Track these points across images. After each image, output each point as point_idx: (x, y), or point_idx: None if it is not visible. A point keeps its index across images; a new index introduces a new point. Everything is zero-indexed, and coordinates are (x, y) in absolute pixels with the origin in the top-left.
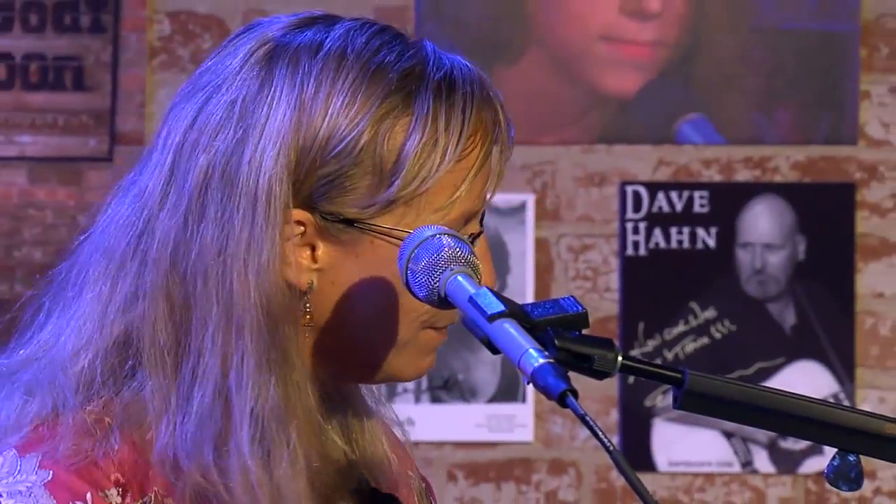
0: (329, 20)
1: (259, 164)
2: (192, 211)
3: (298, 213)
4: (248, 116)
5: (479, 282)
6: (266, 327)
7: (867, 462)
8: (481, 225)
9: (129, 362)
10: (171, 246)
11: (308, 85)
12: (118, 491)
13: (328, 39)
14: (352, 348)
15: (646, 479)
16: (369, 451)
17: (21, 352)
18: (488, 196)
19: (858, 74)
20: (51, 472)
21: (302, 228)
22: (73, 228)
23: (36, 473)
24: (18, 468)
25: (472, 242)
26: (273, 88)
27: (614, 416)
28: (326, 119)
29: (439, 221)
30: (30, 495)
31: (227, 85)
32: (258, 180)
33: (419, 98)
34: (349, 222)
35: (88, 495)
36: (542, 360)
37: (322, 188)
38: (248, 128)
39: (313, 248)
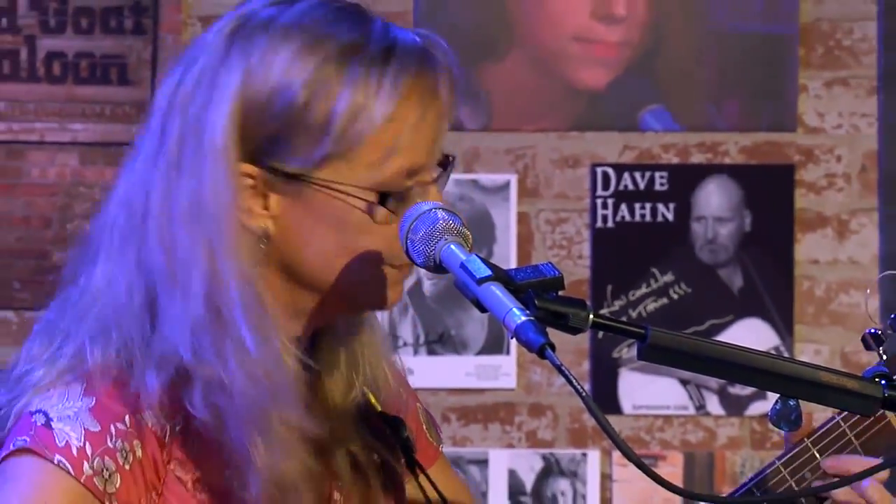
0: (303, 3)
1: (215, 124)
2: (172, 166)
3: (247, 167)
4: (210, 83)
5: (470, 249)
6: (234, 261)
7: (804, 405)
8: (439, 176)
9: (149, 309)
10: (162, 200)
11: (255, 55)
12: (153, 412)
13: (283, 15)
14: (319, 284)
15: (613, 420)
16: (379, 381)
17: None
18: (439, 150)
19: (797, 70)
20: (94, 398)
21: (252, 181)
22: None
23: (81, 400)
24: (67, 397)
25: (427, 186)
26: (230, 58)
27: (586, 366)
28: (268, 84)
29: (373, 175)
30: (76, 419)
31: (201, 56)
32: (214, 138)
33: (352, 66)
34: (292, 176)
35: (127, 417)
36: (523, 318)
37: (266, 145)
38: (211, 93)
39: (266, 198)
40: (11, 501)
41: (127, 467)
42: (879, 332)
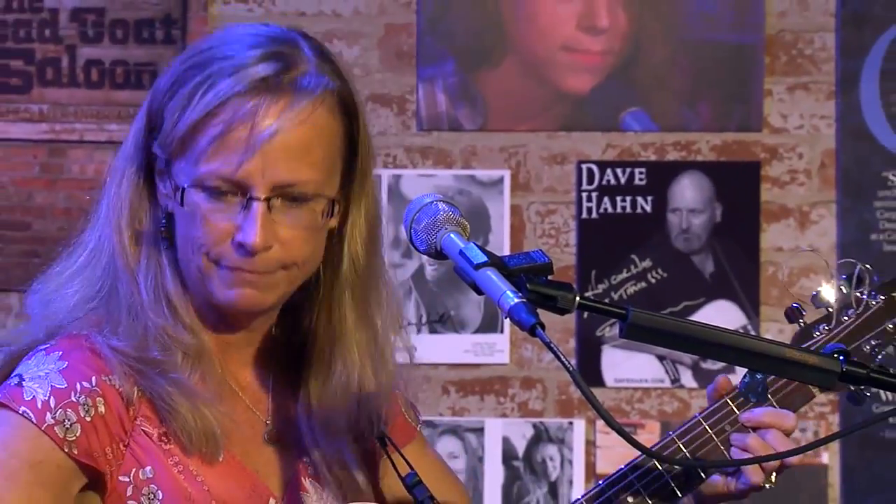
0: (239, 28)
1: (140, 112)
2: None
3: (157, 150)
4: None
5: (468, 238)
6: (131, 217)
7: (770, 379)
8: (280, 194)
9: (98, 289)
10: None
11: (158, 78)
12: (120, 376)
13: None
14: (185, 271)
15: (597, 392)
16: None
17: (39, 287)
18: (270, 169)
19: (763, 76)
20: (66, 362)
21: (160, 162)
22: None
23: (55, 363)
24: (44, 362)
25: (244, 207)
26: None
27: (572, 343)
28: (165, 77)
29: (194, 171)
30: (45, 377)
31: None
32: (136, 123)
33: (187, 83)
34: (165, 160)
35: (94, 378)
36: (516, 300)
37: (154, 129)
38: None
39: (164, 179)
40: None
41: (88, 419)
42: (799, 306)
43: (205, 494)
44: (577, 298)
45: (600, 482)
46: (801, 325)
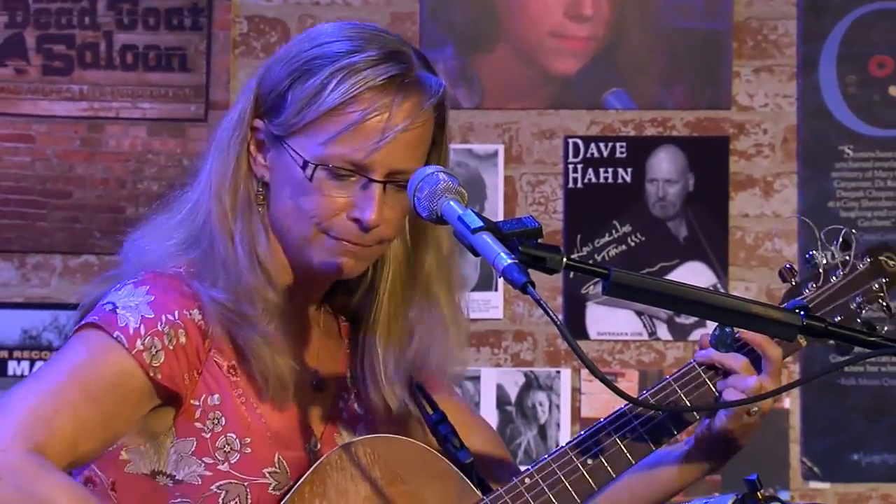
0: (352, 24)
1: (246, 91)
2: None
3: (257, 121)
4: (260, 70)
5: (465, 205)
6: (234, 188)
7: (738, 332)
8: (393, 180)
9: (193, 246)
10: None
11: (287, 47)
12: (199, 310)
13: (324, 26)
14: (286, 236)
15: (582, 344)
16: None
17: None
18: (390, 159)
19: (731, 60)
20: (153, 296)
21: (260, 134)
22: (179, 168)
23: (144, 296)
24: (134, 294)
25: (363, 187)
26: (266, 63)
27: (560, 300)
28: (280, 66)
29: (320, 151)
30: (136, 307)
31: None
32: (241, 103)
33: (318, 74)
34: (275, 137)
35: (176, 312)
36: (509, 261)
37: (267, 110)
38: (253, 76)
39: (266, 152)
40: (77, 360)
41: (171, 347)
42: (792, 266)
43: (261, 425)
44: (564, 260)
45: (598, 423)
46: (793, 283)
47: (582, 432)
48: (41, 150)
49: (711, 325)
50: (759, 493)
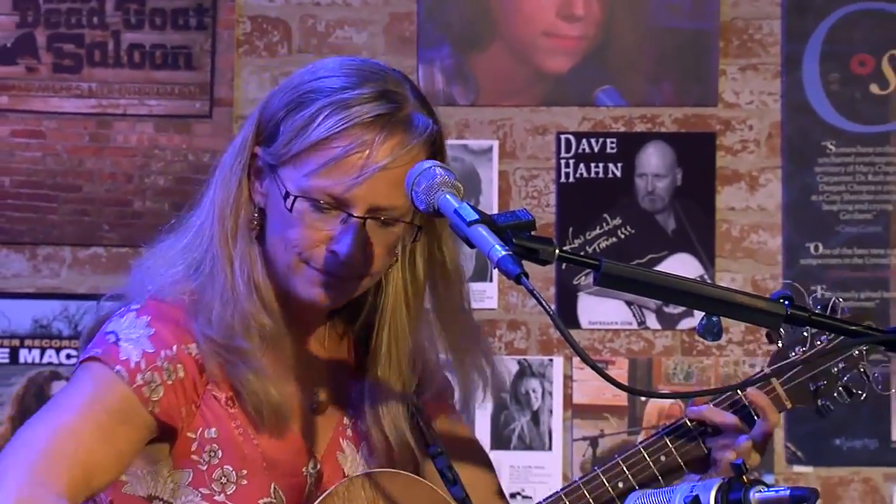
0: (345, 60)
1: (248, 120)
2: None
3: (257, 149)
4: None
5: (461, 198)
6: (233, 214)
7: (724, 321)
8: (374, 216)
9: (197, 271)
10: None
11: (292, 77)
12: (196, 346)
13: (332, 60)
14: (273, 263)
15: (573, 333)
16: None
17: (148, 257)
18: (372, 195)
19: (718, 58)
20: (153, 328)
21: (258, 160)
22: (185, 163)
23: (144, 329)
24: (135, 325)
25: (343, 221)
26: (265, 98)
27: (552, 290)
28: (280, 96)
29: (305, 183)
30: (137, 340)
31: None
32: (245, 130)
33: (310, 106)
34: (269, 165)
35: (175, 347)
36: (504, 252)
37: (264, 139)
38: (258, 106)
39: (262, 180)
40: (78, 393)
41: (170, 382)
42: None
43: (257, 455)
44: (557, 251)
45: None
46: (779, 346)
47: (596, 467)
48: (51, 145)
49: (699, 315)
50: (744, 477)
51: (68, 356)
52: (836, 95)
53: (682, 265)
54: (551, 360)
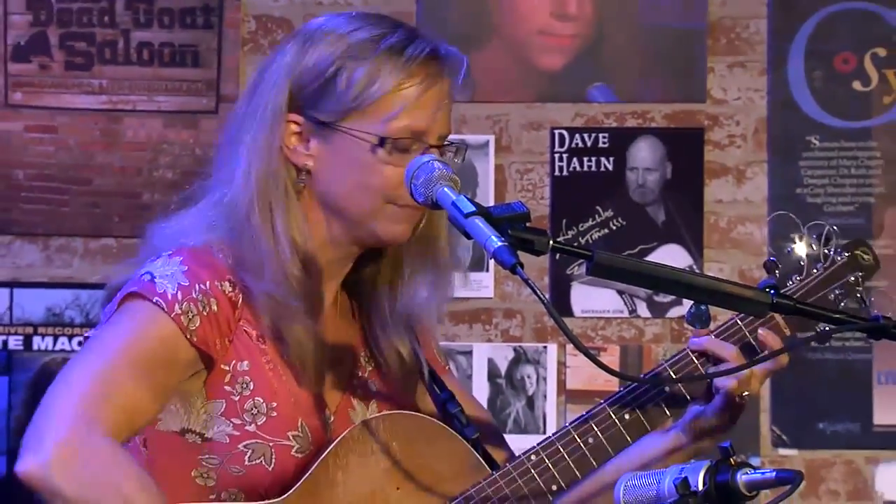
0: (360, 14)
1: (270, 85)
2: (251, 115)
3: (293, 116)
4: (276, 64)
5: (459, 191)
6: (270, 178)
7: (712, 309)
8: (443, 143)
9: (229, 224)
10: (242, 136)
11: (304, 43)
12: (230, 283)
13: (335, 20)
14: (345, 212)
15: (567, 321)
16: (410, 292)
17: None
18: (440, 124)
19: (706, 56)
20: (187, 266)
21: (297, 127)
22: (192, 157)
23: (177, 266)
24: (169, 264)
25: (424, 151)
26: (287, 46)
27: (546, 280)
28: (311, 61)
29: (382, 128)
30: (172, 276)
31: (276, 52)
32: (267, 96)
33: (371, 53)
34: (324, 124)
35: (208, 282)
36: (499, 243)
37: (308, 102)
38: (275, 69)
39: (308, 141)
40: (125, 334)
41: (205, 313)
42: (775, 260)
43: (287, 391)
44: (550, 242)
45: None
46: (776, 275)
47: (584, 413)
48: (64, 140)
49: (687, 304)
50: (731, 459)
51: (80, 343)
52: (820, 92)
53: (671, 256)
54: (545, 347)
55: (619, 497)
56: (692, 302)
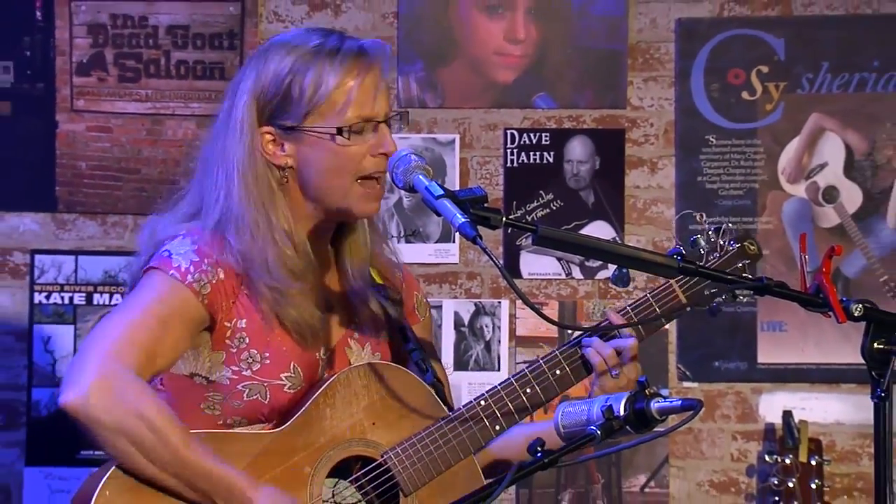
0: (300, 30)
1: (241, 105)
2: (230, 130)
3: (266, 128)
4: (241, 87)
5: (431, 178)
6: (257, 182)
7: (632, 272)
8: (387, 120)
9: (230, 224)
10: (222, 148)
11: (261, 62)
12: (232, 260)
13: (276, 38)
14: (323, 197)
15: (517, 282)
16: (380, 263)
17: (181, 206)
18: (382, 104)
19: (627, 72)
20: (197, 245)
21: (271, 136)
22: None
23: (190, 245)
24: (182, 245)
25: (374, 131)
26: (248, 68)
27: (501, 249)
28: (268, 77)
29: (337, 120)
30: (185, 253)
31: (240, 72)
32: (240, 115)
33: (314, 58)
34: (291, 128)
35: (215, 257)
36: (463, 220)
37: (274, 113)
38: (240, 91)
39: (283, 146)
40: (148, 296)
41: (214, 281)
42: (681, 248)
43: (278, 343)
44: (504, 219)
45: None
46: (679, 262)
47: (525, 367)
48: (117, 138)
49: (612, 268)
50: (646, 391)
51: None
52: (716, 100)
53: (599, 230)
54: (500, 302)
55: (558, 421)
56: (616, 266)
